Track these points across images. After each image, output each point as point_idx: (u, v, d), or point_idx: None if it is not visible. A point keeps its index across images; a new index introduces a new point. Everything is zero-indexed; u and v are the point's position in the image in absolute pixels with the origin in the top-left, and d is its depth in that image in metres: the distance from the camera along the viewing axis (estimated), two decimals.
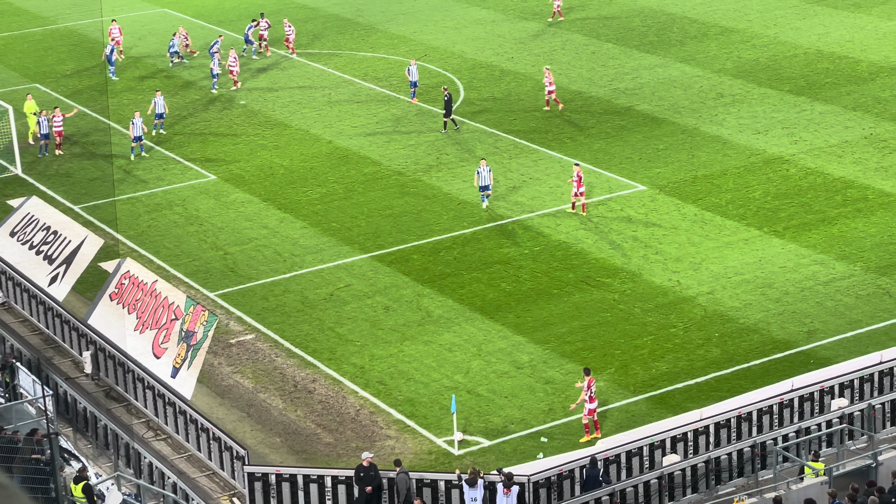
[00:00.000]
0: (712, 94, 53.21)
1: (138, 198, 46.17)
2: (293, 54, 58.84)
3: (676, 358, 34.70)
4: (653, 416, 31.98)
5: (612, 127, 50.37)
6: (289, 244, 42.09)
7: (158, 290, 34.64)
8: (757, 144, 47.94)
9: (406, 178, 46.63)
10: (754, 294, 37.63)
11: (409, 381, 34.13)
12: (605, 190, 44.84)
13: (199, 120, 53.21)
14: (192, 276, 40.21)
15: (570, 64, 57.53)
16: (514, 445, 31.53)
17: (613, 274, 39.09)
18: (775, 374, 33.36)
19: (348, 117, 52.76)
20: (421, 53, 59.43)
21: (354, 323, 37.16)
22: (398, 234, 42.35)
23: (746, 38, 59.65)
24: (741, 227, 41.78)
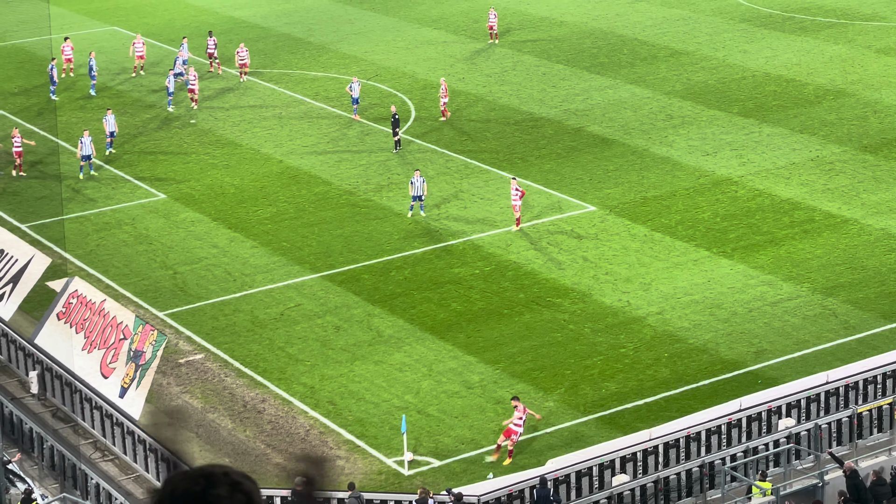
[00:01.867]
0: (662, 115, 53.56)
1: (87, 216, 45.88)
2: (243, 79, 58.67)
3: (626, 378, 34.82)
4: (602, 436, 32.05)
5: (562, 147, 50.58)
6: (239, 263, 41.95)
7: (107, 310, 34.40)
8: (706, 166, 48.29)
9: (357, 197, 46.60)
10: (703, 314, 37.85)
11: (360, 400, 34.06)
12: (555, 210, 45.00)
13: (149, 139, 52.97)
14: (141, 295, 39.98)
15: (521, 85, 57.75)
16: (464, 465, 31.51)
17: (563, 294, 39.21)
18: (724, 394, 33.54)
19: (299, 137, 52.69)
20: (372, 73, 59.48)
21: (305, 342, 37.06)
22: (349, 253, 42.30)
23: (696, 61, 60.11)
24: (690, 247, 42.04)
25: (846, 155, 49.01)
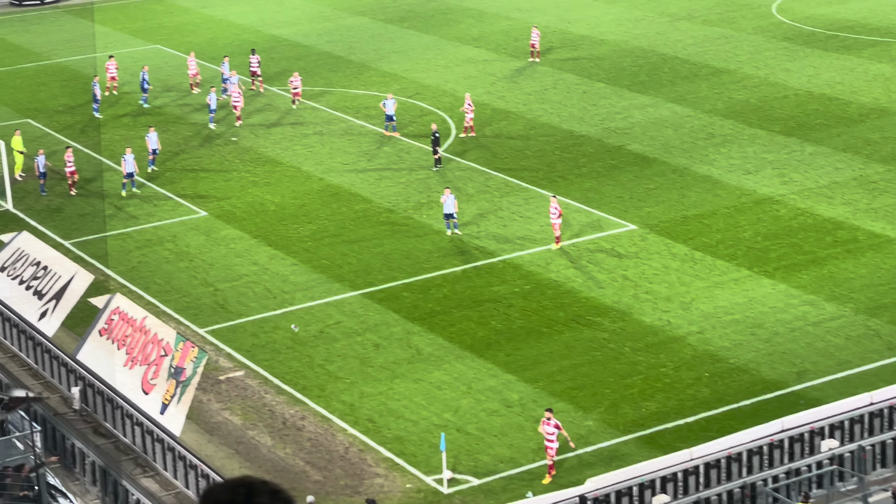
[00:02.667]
0: (703, 134, 53.39)
1: (129, 233, 46.15)
2: (295, 105, 58.56)
3: (666, 397, 34.66)
4: (642, 455, 31.91)
5: (602, 166, 50.50)
6: (279, 281, 42.07)
7: (148, 327, 34.57)
8: (747, 185, 48.08)
9: (396, 215, 46.67)
10: (744, 334, 37.64)
11: (399, 418, 34.05)
12: (595, 229, 44.91)
13: (191, 156, 53.27)
14: (182, 312, 40.15)
15: (561, 103, 57.72)
16: (503, 484, 31.43)
17: (603, 313, 39.10)
18: (765, 414, 33.32)
19: (339, 154, 52.85)
20: (412, 91, 59.61)
21: (344, 360, 37.10)
22: (388, 271, 42.34)
23: (737, 79, 59.91)
24: (731, 266, 41.84)
25: (890, 174, 48.69)
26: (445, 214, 44.55)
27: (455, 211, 44.51)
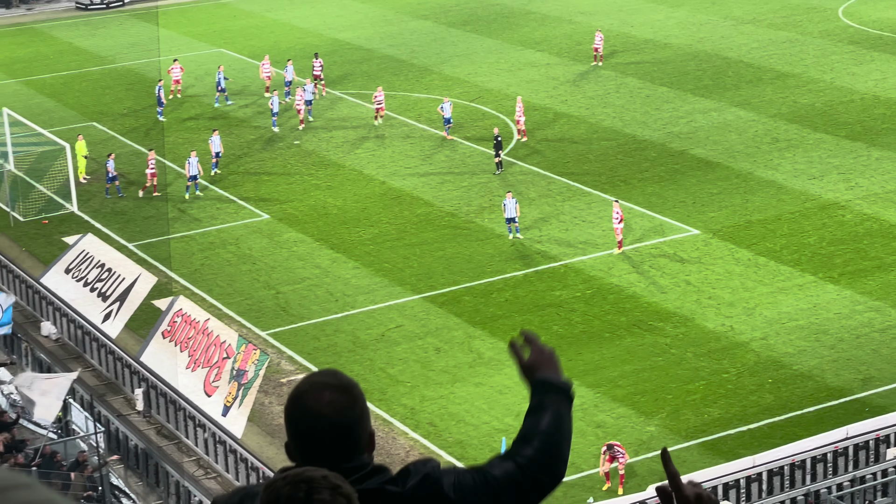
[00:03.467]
0: (767, 138, 52.96)
1: (192, 236, 46.45)
2: (377, 121, 56.61)
3: (729, 404, 34.39)
4: (705, 461, 31.68)
5: (665, 170, 50.22)
6: (341, 284, 42.17)
7: (210, 329, 34.78)
8: (812, 189, 47.63)
9: (458, 219, 46.65)
10: (808, 340, 37.28)
11: (460, 422, 34.01)
12: (658, 234, 44.65)
13: (254, 159, 53.53)
14: (244, 314, 40.35)
15: (624, 107, 57.48)
16: (563, 489, 31.31)
17: (666, 318, 38.86)
18: (830, 421, 32.98)
19: (401, 158, 52.91)
20: (475, 95, 59.59)
21: (405, 364, 37.12)
22: (450, 275, 42.33)
23: (802, 83, 59.38)
24: (796, 272, 41.45)
25: None
26: (507, 218, 44.48)
27: (517, 215, 44.43)
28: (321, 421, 4.35)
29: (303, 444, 4.39)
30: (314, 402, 4.37)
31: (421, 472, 4.45)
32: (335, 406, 4.36)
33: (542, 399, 4.80)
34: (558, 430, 4.74)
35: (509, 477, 4.56)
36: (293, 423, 4.40)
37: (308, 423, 4.37)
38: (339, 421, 4.36)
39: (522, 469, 4.59)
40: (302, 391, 4.42)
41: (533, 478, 4.60)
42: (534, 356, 4.92)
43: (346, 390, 4.42)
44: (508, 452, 4.66)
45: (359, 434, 4.41)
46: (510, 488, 4.55)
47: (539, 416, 4.76)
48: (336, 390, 4.40)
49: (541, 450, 4.65)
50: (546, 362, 4.92)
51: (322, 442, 4.35)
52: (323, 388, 4.40)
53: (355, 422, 4.40)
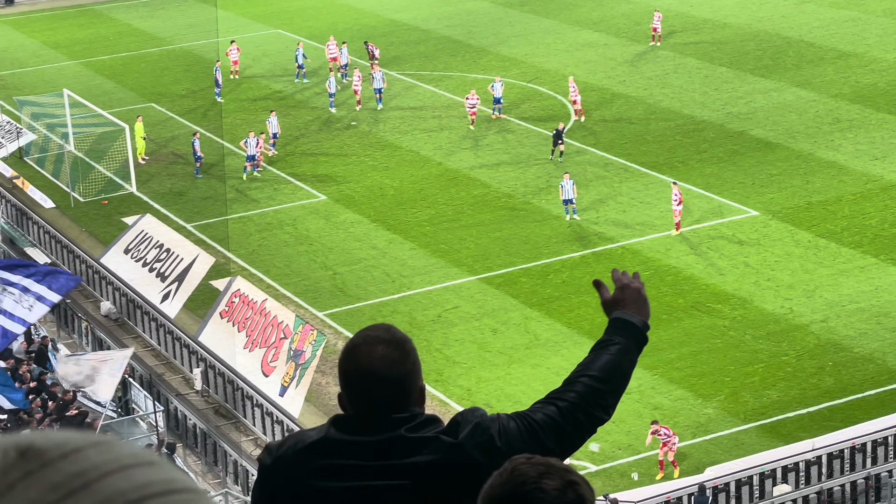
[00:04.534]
0: (828, 119, 52.40)
1: (249, 217, 46.64)
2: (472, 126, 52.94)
3: (788, 386, 34.12)
4: (763, 444, 31.46)
5: (724, 151, 49.82)
6: (397, 265, 42.20)
7: (268, 309, 34.91)
8: (874, 171, 47.09)
9: (515, 200, 46.53)
10: (870, 323, 36.90)
11: (517, 404, 33.95)
12: (716, 215, 44.33)
13: (311, 140, 53.64)
14: (301, 295, 40.48)
15: (682, 88, 57.06)
16: (621, 471, 31.21)
17: (724, 300, 38.59)
18: (891, 405, 32.65)
19: (458, 139, 52.82)
20: (532, 76, 59.36)
21: (462, 345, 37.11)
22: (506, 256, 42.24)
23: (865, 63, 58.67)
24: (857, 254, 41.02)
25: None
26: (564, 200, 44.30)
27: (574, 196, 44.24)
28: (373, 374, 4.39)
29: (355, 396, 4.44)
30: (367, 355, 4.41)
31: (471, 422, 4.49)
32: (387, 360, 4.40)
33: (610, 338, 4.83)
34: (611, 374, 4.75)
35: (551, 421, 4.59)
36: (346, 375, 4.45)
37: (360, 376, 4.41)
38: (390, 374, 4.40)
39: (563, 413, 4.62)
40: (355, 344, 4.47)
41: (574, 421, 4.61)
42: (617, 292, 4.97)
43: (398, 345, 4.46)
44: (552, 394, 4.69)
45: (410, 388, 4.45)
46: (552, 432, 4.58)
47: (597, 356, 4.78)
48: (389, 344, 4.44)
49: (584, 394, 4.66)
50: (629, 299, 4.95)
51: (373, 394, 4.39)
52: (376, 341, 4.44)
53: (407, 376, 4.44)
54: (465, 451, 4.40)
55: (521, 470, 3.80)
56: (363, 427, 4.40)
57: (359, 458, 4.35)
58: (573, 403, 4.63)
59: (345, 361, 4.45)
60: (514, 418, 4.58)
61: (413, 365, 4.45)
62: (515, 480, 3.77)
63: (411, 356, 4.46)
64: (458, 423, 4.49)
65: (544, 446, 4.52)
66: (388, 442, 4.38)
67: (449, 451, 4.39)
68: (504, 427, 4.51)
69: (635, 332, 4.85)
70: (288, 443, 4.47)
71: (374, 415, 4.38)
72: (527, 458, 3.83)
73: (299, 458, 4.39)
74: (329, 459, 4.36)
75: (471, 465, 4.38)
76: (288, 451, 4.42)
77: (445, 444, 4.41)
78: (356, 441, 4.38)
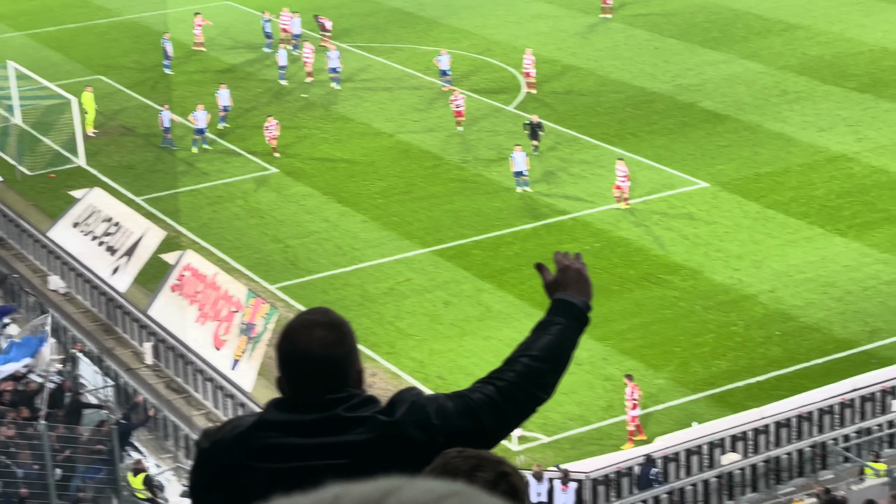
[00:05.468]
0: (776, 90, 52.76)
1: (200, 190, 46.47)
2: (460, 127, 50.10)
3: (737, 356, 34.47)
4: (712, 414, 31.78)
5: (674, 123, 50.08)
6: (349, 238, 42.21)
7: (219, 283, 34.85)
8: (821, 142, 47.50)
9: (467, 172, 46.60)
10: (816, 293, 37.30)
11: (469, 375, 34.09)
12: (666, 186, 44.60)
13: (261, 113, 53.40)
14: (252, 268, 40.43)
15: (632, 59, 57.25)
16: (572, 442, 31.45)
17: (674, 271, 38.88)
18: (837, 373, 33.06)
19: (409, 111, 52.80)
20: (483, 48, 59.35)
21: (414, 317, 37.21)
22: (458, 228, 42.34)
23: (811, 35, 59.06)
24: (804, 225, 41.42)
25: None
26: (515, 172, 44.42)
27: (525, 168, 44.36)
28: (311, 356, 4.45)
29: (293, 378, 4.50)
30: (305, 338, 4.48)
31: (408, 400, 4.55)
32: (325, 342, 4.47)
33: (552, 318, 4.88)
34: (552, 354, 4.81)
35: (489, 400, 4.65)
36: (284, 358, 4.51)
37: (298, 359, 4.48)
38: (328, 357, 4.47)
39: (502, 392, 4.68)
40: (293, 327, 4.53)
41: (513, 400, 4.66)
42: (558, 274, 5.00)
43: (335, 328, 4.52)
44: (491, 374, 4.75)
45: (347, 370, 4.52)
46: (490, 411, 4.64)
47: (539, 336, 4.85)
48: (326, 327, 4.51)
49: (523, 373, 4.73)
50: (571, 280, 4.99)
51: (311, 377, 4.46)
52: (313, 325, 4.50)
53: (344, 358, 4.51)
54: (402, 428, 4.47)
55: (454, 464, 3.86)
56: (300, 407, 4.45)
57: (296, 437, 4.40)
58: (512, 383, 4.68)
59: (283, 344, 4.50)
60: (451, 398, 4.63)
61: (351, 347, 4.52)
62: (448, 474, 3.83)
63: (349, 339, 4.52)
64: (394, 403, 4.55)
65: (482, 425, 4.58)
66: (324, 421, 4.43)
67: (385, 430, 4.45)
68: (441, 406, 4.57)
69: (577, 313, 4.91)
70: (226, 427, 4.52)
71: (311, 396, 4.43)
72: (458, 451, 3.90)
73: (237, 440, 4.43)
74: (266, 440, 4.40)
75: (408, 442, 4.44)
76: (226, 435, 4.46)
77: (382, 423, 4.47)
78: (293, 421, 4.43)
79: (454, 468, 3.84)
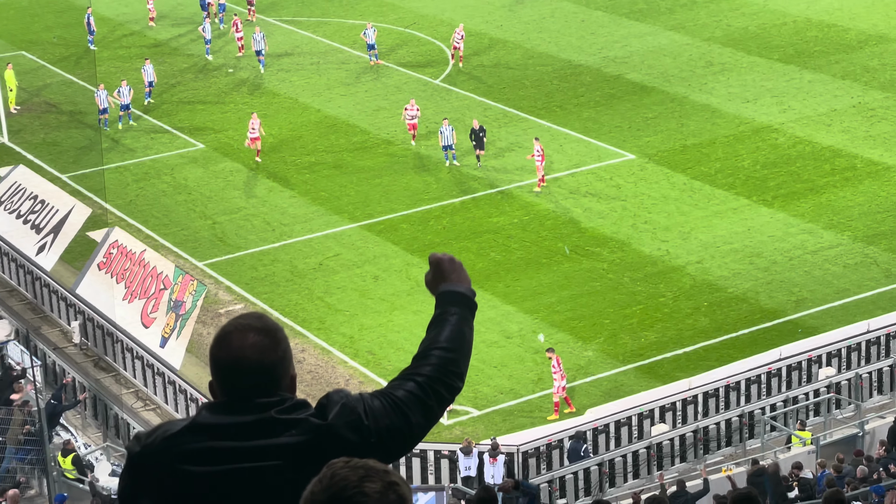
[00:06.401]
0: (701, 62, 53.12)
1: (126, 167, 46.04)
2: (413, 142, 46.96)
3: (665, 327, 34.77)
4: (641, 385, 32.06)
5: (601, 95, 50.29)
6: (277, 213, 42.03)
7: (147, 260, 34.59)
8: (746, 113, 47.92)
9: (395, 147, 46.54)
10: (743, 263, 37.69)
11: (399, 350, 34.16)
12: (594, 159, 44.80)
13: (187, 88, 53.01)
14: (180, 245, 40.16)
15: (559, 32, 57.37)
16: (503, 415, 31.59)
17: (602, 243, 39.12)
18: (763, 343, 33.45)
19: (337, 86, 52.60)
20: (410, 22, 59.21)
21: (343, 292, 37.16)
22: (387, 203, 42.30)
23: (736, 7, 59.48)
24: (730, 196, 41.80)
25: (889, 101, 48.51)
26: (444, 146, 44.41)
27: (453, 142, 44.36)
28: (244, 361, 4.47)
29: (226, 382, 4.52)
30: (238, 342, 4.51)
31: (338, 402, 4.58)
32: (258, 348, 4.51)
33: (444, 310, 4.91)
34: (458, 342, 4.87)
35: (413, 396, 4.70)
36: (217, 362, 4.54)
37: (231, 363, 4.50)
38: (261, 362, 4.50)
39: (423, 387, 4.73)
40: (227, 332, 4.56)
41: (434, 393, 4.72)
42: (433, 269, 5.03)
43: (269, 333, 4.55)
44: (407, 371, 4.79)
45: (280, 375, 4.54)
46: (416, 407, 4.69)
47: (439, 329, 4.88)
48: (260, 332, 4.53)
49: (439, 366, 4.78)
50: (447, 271, 5.02)
51: (244, 381, 4.48)
52: (247, 329, 4.54)
53: (278, 363, 4.54)
54: (335, 430, 4.50)
55: (342, 475, 3.89)
56: (233, 410, 4.46)
57: (228, 440, 4.41)
58: (431, 377, 4.72)
59: (216, 349, 4.52)
60: (377, 396, 4.66)
61: (284, 353, 4.55)
62: (337, 485, 3.86)
63: (282, 344, 4.55)
64: (324, 406, 4.57)
65: (409, 421, 4.63)
66: (257, 423, 4.44)
67: (318, 432, 4.48)
68: (369, 406, 4.59)
69: (465, 300, 4.94)
70: (157, 431, 4.51)
71: (244, 400, 4.45)
72: (345, 461, 3.94)
73: (168, 443, 4.42)
74: (198, 444, 4.40)
75: (341, 443, 4.47)
76: (157, 439, 4.45)
77: (315, 425, 4.49)
78: (225, 424, 4.44)
79: (342, 479, 3.87)
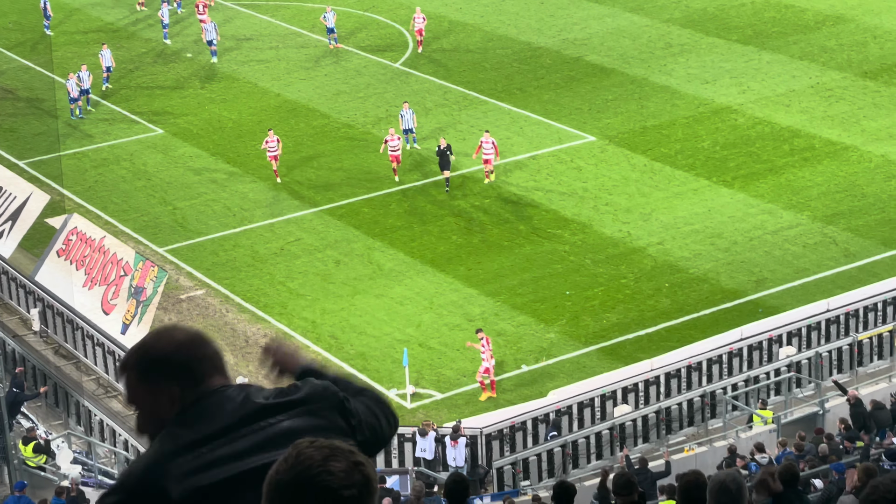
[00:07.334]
0: (661, 43, 53.22)
1: (85, 153, 45.73)
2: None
3: (627, 309, 34.87)
4: (604, 367, 32.15)
5: (561, 77, 50.31)
6: (238, 198, 41.87)
7: (107, 246, 34.39)
8: (705, 94, 48.06)
9: (355, 130, 46.43)
10: (703, 244, 37.83)
11: (361, 334, 34.13)
12: (554, 141, 44.84)
13: (146, 73, 52.68)
14: (140, 231, 39.95)
15: (518, 14, 57.34)
16: (465, 398, 31.63)
17: (564, 225, 39.17)
18: (725, 323, 33.61)
19: (296, 70, 52.40)
20: (369, 5, 59.03)
21: (305, 277, 37.08)
22: (348, 187, 42.20)
23: None
24: (690, 177, 41.94)
25: (846, 81, 48.77)
26: (404, 129, 44.33)
27: (414, 125, 44.30)
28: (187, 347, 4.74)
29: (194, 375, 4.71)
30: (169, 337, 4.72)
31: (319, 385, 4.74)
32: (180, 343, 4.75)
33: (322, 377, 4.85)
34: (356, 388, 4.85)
35: (375, 400, 4.75)
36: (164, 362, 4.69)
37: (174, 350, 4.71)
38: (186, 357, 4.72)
39: (376, 401, 4.77)
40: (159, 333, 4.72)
41: (385, 412, 4.74)
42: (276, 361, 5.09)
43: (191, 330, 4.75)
44: None
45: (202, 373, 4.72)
46: (382, 409, 4.74)
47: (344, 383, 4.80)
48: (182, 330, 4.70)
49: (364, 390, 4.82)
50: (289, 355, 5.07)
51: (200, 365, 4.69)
52: (173, 329, 4.69)
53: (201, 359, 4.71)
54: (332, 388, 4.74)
55: (307, 454, 3.87)
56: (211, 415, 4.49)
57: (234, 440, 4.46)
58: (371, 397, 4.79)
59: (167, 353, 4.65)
60: None
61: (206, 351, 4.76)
62: (302, 464, 3.84)
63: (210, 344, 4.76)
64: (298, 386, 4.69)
65: (382, 416, 4.71)
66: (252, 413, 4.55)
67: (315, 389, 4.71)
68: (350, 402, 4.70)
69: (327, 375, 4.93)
70: (133, 476, 4.39)
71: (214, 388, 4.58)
72: (310, 441, 3.93)
73: (161, 476, 4.32)
74: (201, 458, 4.38)
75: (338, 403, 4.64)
76: (147, 481, 4.33)
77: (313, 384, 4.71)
78: (219, 427, 4.50)
79: (308, 458, 3.86)
